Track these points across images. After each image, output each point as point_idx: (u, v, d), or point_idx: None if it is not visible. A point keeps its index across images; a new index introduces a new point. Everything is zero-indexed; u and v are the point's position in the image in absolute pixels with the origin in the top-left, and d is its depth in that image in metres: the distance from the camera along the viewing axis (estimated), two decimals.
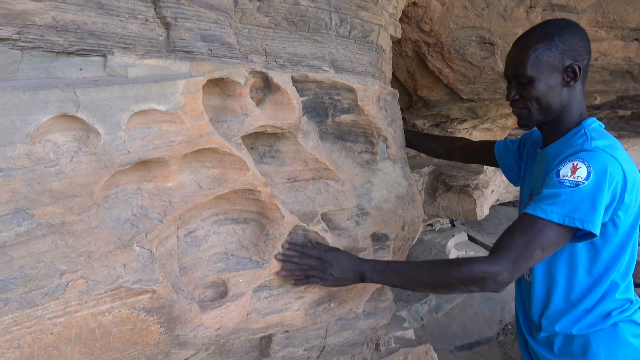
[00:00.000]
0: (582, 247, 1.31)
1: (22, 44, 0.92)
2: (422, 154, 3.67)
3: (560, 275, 1.37)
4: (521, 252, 1.19)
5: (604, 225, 1.22)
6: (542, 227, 1.19)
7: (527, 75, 1.29)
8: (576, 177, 1.18)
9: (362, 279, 1.35)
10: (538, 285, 1.42)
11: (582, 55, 1.28)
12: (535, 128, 1.49)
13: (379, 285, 1.61)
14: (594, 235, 1.18)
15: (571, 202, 1.17)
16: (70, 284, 0.90)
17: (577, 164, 1.19)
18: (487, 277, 1.20)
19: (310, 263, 1.34)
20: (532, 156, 1.56)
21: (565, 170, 1.20)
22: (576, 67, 1.27)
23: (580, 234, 1.22)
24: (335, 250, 1.39)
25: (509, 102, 1.41)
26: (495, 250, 1.24)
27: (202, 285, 1.23)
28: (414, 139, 1.99)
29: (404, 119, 2.17)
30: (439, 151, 2.01)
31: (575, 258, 1.33)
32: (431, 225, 4.98)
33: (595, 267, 1.32)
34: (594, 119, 1.35)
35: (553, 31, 1.28)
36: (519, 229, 1.22)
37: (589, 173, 1.17)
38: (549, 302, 1.40)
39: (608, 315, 1.34)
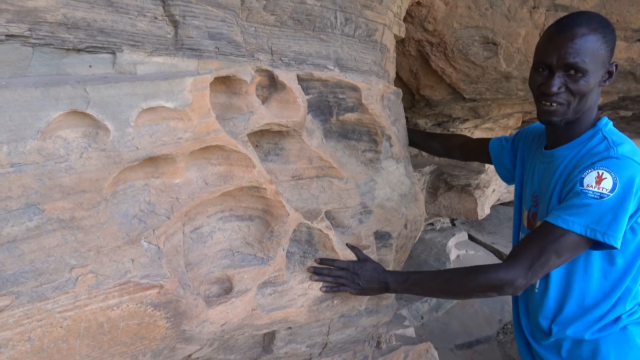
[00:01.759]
0: (597, 253, 1.30)
1: (34, 40, 0.93)
2: (423, 153, 3.69)
3: (575, 281, 1.34)
4: (536, 258, 1.20)
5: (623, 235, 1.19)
6: (560, 234, 1.18)
7: (583, 67, 1.18)
8: (601, 189, 1.14)
9: (386, 289, 1.42)
10: (551, 291, 1.39)
11: (614, 53, 1.26)
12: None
13: None
14: (614, 247, 1.16)
15: (594, 214, 1.14)
16: (79, 278, 0.91)
17: (603, 173, 1.15)
18: (504, 283, 1.23)
19: (340, 273, 1.42)
20: (532, 154, 1.53)
21: (589, 180, 1.17)
22: (614, 67, 1.24)
23: (597, 244, 1.20)
24: (363, 261, 1.46)
25: (539, 94, 1.29)
26: (512, 257, 1.26)
27: (208, 281, 1.24)
28: (414, 138, 2.00)
29: (406, 118, 2.18)
30: (439, 149, 2.02)
31: (591, 264, 1.31)
32: (432, 224, 4.99)
33: (610, 273, 1.31)
34: (605, 117, 1.31)
35: (603, 23, 1.20)
36: (537, 235, 1.22)
37: (614, 185, 1.13)
38: (562, 308, 1.38)
39: (618, 319, 1.33)
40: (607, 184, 1.14)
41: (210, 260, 1.27)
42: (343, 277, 1.42)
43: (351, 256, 1.46)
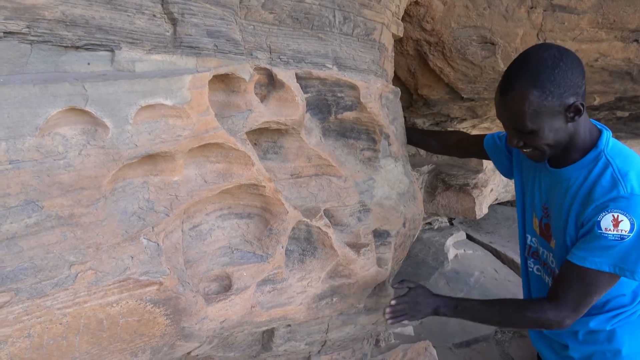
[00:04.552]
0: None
1: (32, 37, 0.93)
2: (421, 152, 3.69)
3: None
4: (580, 301, 1.30)
5: None
6: (594, 276, 1.26)
7: (529, 129, 1.23)
8: (620, 231, 1.19)
9: (436, 312, 1.53)
10: None
11: (579, 85, 1.19)
12: None
13: (380, 281, 1.62)
14: None
15: (619, 254, 1.21)
16: (79, 275, 0.91)
17: (618, 216, 1.19)
18: (554, 323, 1.33)
19: (401, 308, 1.55)
20: (531, 162, 1.52)
21: (606, 223, 1.20)
22: (579, 105, 1.20)
23: None
24: (413, 290, 1.58)
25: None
26: (556, 299, 1.34)
27: (207, 278, 1.24)
28: (412, 136, 2.01)
29: (404, 118, 2.19)
30: (437, 147, 2.03)
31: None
32: (430, 223, 5.00)
33: (631, 281, 1.36)
34: (604, 131, 1.30)
35: (543, 75, 1.17)
36: (574, 279, 1.29)
37: (632, 225, 1.18)
38: (589, 309, 1.40)
39: (637, 310, 1.39)
40: (625, 225, 1.19)
41: (210, 258, 1.27)
42: (404, 310, 1.55)
43: (350, 254, 1.46)
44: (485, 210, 3.88)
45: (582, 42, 2.11)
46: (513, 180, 1.72)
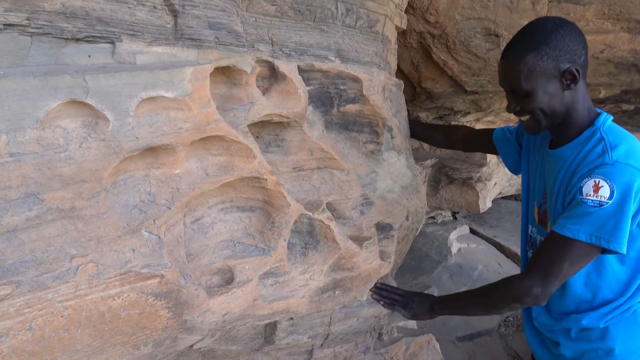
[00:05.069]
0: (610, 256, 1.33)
1: (32, 30, 0.92)
2: (425, 146, 3.68)
3: (589, 281, 1.37)
4: (550, 266, 1.26)
5: (630, 232, 1.22)
6: (570, 244, 1.23)
7: (524, 89, 1.26)
8: (599, 197, 1.17)
9: (432, 312, 1.61)
10: (566, 290, 1.41)
11: (577, 53, 1.22)
12: None
13: (383, 274, 1.62)
14: (619, 253, 1.20)
15: (596, 221, 1.18)
16: (80, 267, 0.91)
17: (599, 181, 1.18)
18: (522, 293, 1.31)
19: (397, 297, 1.65)
20: (537, 148, 1.54)
21: (587, 189, 1.19)
22: (574, 70, 1.22)
23: (606, 249, 1.23)
24: (416, 294, 1.68)
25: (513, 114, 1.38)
26: (527, 268, 1.33)
27: (209, 271, 1.24)
28: (416, 129, 2.00)
29: (407, 111, 2.17)
30: (441, 141, 2.01)
31: (603, 264, 1.34)
32: (433, 217, 4.98)
33: (622, 271, 1.34)
34: (604, 113, 1.31)
35: (540, 38, 1.22)
36: (548, 247, 1.28)
37: (612, 192, 1.16)
38: (577, 305, 1.41)
39: (630, 307, 1.36)
40: (605, 192, 1.17)
41: (212, 251, 1.27)
42: (399, 301, 1.64)
43: (353, 247, 1.46)
44: (488, 204, 3.86)
45: (587, 33, 2.08)
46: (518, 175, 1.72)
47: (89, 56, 1.01)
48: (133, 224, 1.01)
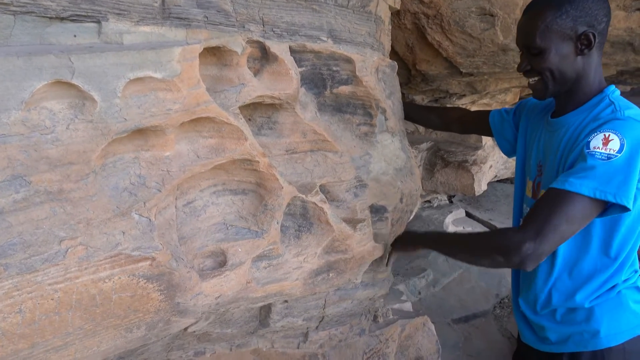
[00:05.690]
0: (598, 225, 1.27)
1: (15, 8, 0.90)
2: (420, 129, 3.66)
3: (574, 255, 1.33)
4: (545, 222, 1.15)
5: None
6: (569, 199, 1.13)
7: (537, 46, 1.24)
8: (608, 150, 1.12)
9: (416, 242, 1.63)
10: (551, 265, 1.38)
11: (597, 19, 1.20)
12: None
13: (377, 257, 1.62)
14: (625, 209, 1.13)
15: (603, 175, 1.11)
16: (69, 250, 0.90)
17: (609, 135, 1.13)
18: (511, 244, 1.17)
19: None
20: (536, 124, 1.52)
21: (596, 142, 1.15)
22: (590, 35, 1.20)
23: (607, 209, 1.17)
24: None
25: (522, 73, 1.35)
26: (521, 225, 1.22)
27: (202, 254, 1.23)
28: (411, 111, 1.98)
29: (402, 94, 2.15)
30: (436, 123, 2.00)
31: (590, 236, 1.29)
32: (429, 201, 4.99)
33: (610, 245, 1.29)
34: (613, 85, 1.29)
35: None
36: (545, 202, 1.18)
37: (622, 145, 1.11)
38: (562, 281, 1.37)
39: (615, 286, 1.33)
40: (615, 145, 1.12)
41: (204, 234, 1.26)
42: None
43: (347, 229, 1.45)
44: (484, 187, 3.86)
45: None
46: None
47: (75, 36, 0.99)
48: (123, 207, 1.00)
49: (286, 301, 1.49)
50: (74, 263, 0.91)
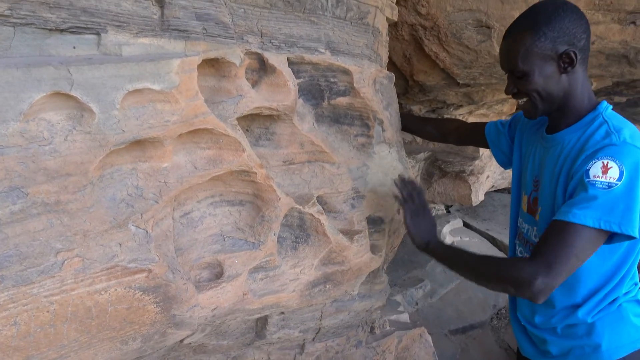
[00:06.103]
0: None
1: (14, 20, 0.90)
2: (417, 140, 3.67)
3: (576, 272, 1.27)
4: (558, 258, 1.14)
5: None
6: (575, 231, 1.13)
7: (520, 69, 1.24)
8: (608, 178, 1.12)
9: (427, 243, 1.46)
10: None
11: (577, 37, 1.21)
12: None
13: (374, 268, 1.61)
14: (631, 238, 1.13)
15: (606, 204, 1.11)
16: (65, 262, 0.90)
17: (608, 162, 1.13)
18: (522, 279, 1.16)
19: (415, 201, 1.52)
20: (531, 138, 1.52)
21: (595, 170, 1.14)
22: (571, 53, 1.20)
23: (613, 237, 1.17)
24: (429, 216, 1.53)
25: (511, 96, 1.35)
26: (533, 256, 1.20)
27: (198, 266, 1.23)
28: (408, 122, 1.99)
29: (400, 104, 2.16)
30: (434, 134, 2.01)
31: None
32: None
33: (611, 260, 1.29)
34: (605, 102, 1.30)
35: (540, 19, 1.21)
36: (553, 236, 1.17)
37: (621, 172, 1.11)
38: (564, 298, 1.36)
39: (615, 300, 1.33)
40: (614, 172, 1.12)
41: (201, 245, 1.26)
42: (412, 207, 1.50)
43: (344, 240, 1.45)
44: (481, 197, 3.87)
45: None
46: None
47: (74, 47, 1.00)
48: (120, 218, 0.99)
49: (283, 313, 1.49)
50: (70, 275, 0.90)
